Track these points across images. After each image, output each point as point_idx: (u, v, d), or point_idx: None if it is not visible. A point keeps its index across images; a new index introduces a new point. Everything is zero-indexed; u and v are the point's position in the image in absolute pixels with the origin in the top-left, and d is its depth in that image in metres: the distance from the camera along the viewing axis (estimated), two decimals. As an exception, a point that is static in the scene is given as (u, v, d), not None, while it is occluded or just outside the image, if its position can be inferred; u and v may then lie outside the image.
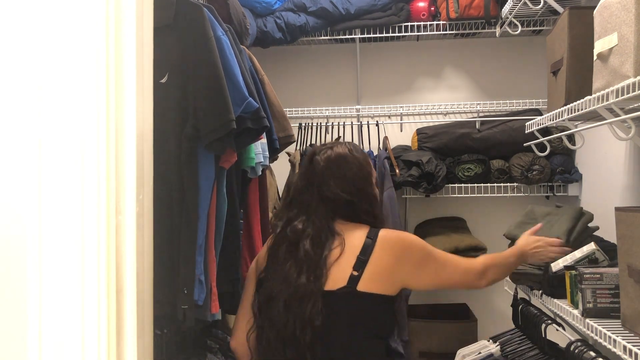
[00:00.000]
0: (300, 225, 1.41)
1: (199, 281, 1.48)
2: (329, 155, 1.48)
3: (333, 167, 1.45)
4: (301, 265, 1.36)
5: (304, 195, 1.46)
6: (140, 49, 0.93)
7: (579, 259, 1.62)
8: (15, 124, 0.85)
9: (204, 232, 1.51)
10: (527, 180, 2.56)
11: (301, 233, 1.40)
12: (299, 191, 1.48)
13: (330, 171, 1.45)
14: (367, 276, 1.34)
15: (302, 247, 1.38)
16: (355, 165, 1.48)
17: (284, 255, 1.40)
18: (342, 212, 1.44)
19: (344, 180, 1.45)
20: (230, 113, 1.46)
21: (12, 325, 0.84)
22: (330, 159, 1.47)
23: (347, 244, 1.38)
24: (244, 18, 2.12)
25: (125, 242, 0.88)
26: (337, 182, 1.44)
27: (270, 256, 1.45)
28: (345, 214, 1.45)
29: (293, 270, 1.36)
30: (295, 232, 1.41)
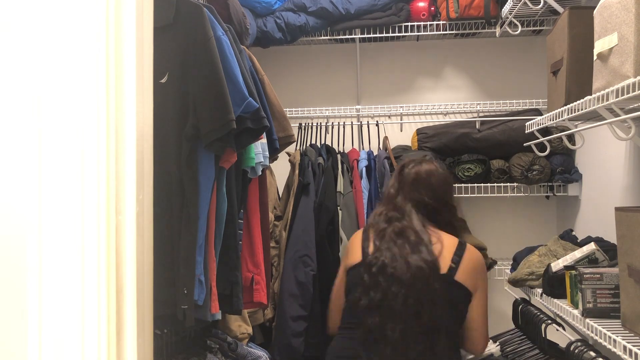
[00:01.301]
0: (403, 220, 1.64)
1: (199, 281, 1.48)
2: (418, 169, 1.72)
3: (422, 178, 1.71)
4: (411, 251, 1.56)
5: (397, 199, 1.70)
6: (140, 49, 0.93)
7: (579, 259, 1.62)
8: (15, 124, 0.85)
9: (204, 232, 1.51)
10: (527, 180, 2.56)
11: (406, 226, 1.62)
12: (392, 194, 1.73)
13: (420, 182, 1.70)
14: (462, 270, 1.58)
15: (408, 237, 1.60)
16: (439, 179, 1.72)
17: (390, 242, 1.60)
18: (429, 216, 1.67)
19: (430, 190, 1.69)
20: (230, 113, 1.46)
21: (12, 325, 0.84)
22: (419, 172, 1.71)
23: (444, 245, 1.61)
24: (244, 18, 2.12)
25: (125, 242, 0.88)
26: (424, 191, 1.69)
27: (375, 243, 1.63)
28: (431, 217, 1.67)
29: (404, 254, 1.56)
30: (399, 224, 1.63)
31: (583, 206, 2.48)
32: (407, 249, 1.58)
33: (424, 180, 1.70)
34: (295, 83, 3.00)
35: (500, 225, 2.91)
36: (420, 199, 1.68)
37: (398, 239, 1.61)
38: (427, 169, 1.73)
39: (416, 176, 1.71)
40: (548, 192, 2.63)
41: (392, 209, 1.69)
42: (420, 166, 1.73)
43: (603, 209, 2.20)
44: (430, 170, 1.73)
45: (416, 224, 1.64)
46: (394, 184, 1.75)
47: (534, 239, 2.40)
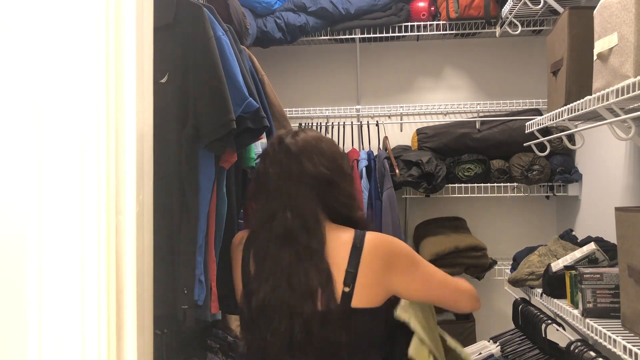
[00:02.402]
0: (287, 217, 1.25)
1: (199, 281, 1.48)
2: (303, 136, 1.34)
3: (309, 146, 1.31)
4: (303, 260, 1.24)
5: (280, 181, 1.29)
6: (140, 49, 0.93)
7: (579, 259, 1.62)
8: (16, 124, 0.85)
9: (204, 232, 1.51)
10: (527, 180, 2.56)
11: (291, 224, 1.25)
12: (272, 179, 1.30)
13: (307, 150, 1.30)
14: (359, 291, 1.24)
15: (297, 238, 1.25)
16: (331, 144, 1.37)
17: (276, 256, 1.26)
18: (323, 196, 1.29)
19: (324, 156, 1.31)
20: (231, 113, 1.46)
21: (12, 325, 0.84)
22: (305, 139, 1.33)
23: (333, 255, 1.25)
24: (244, 18, 2.12)
25: (125, 242, 0.88)
26: (318, 158, 1.29)
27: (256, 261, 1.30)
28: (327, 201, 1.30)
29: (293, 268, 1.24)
30: (284, 225, 1.26)
31: (583, 206, 2.48)
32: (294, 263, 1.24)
33: (314, 148, 1.31)
34: (295, 83, 3.00)
35: (500, 225, 2.91)
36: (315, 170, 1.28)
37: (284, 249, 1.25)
38: (313, 135, 1.36)
39: (305, 143, 1.31)
40: (548, 192, 2.63)
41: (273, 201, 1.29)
42: (305, 133, 1.35)
43: (603, 209, 2.20)
44: (317, 135, 1.37)
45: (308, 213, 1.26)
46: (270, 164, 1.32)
47: (534, 239, 2.40)
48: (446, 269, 2.50)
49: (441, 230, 2.70)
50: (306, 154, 1.30)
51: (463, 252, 2.52)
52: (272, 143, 1.36)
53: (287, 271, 1.24)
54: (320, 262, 1.24)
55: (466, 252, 2.52)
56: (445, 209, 2.88)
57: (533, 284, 1.84)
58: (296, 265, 1.24)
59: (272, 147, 1.35)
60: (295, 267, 1.24)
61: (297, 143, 1.31)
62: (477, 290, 1.41)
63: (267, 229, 1.28)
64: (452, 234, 2.64)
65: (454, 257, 2.52)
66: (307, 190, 1.28)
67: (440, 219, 2.84)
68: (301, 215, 1.26)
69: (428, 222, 2.85)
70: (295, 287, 1.23)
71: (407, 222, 2.91)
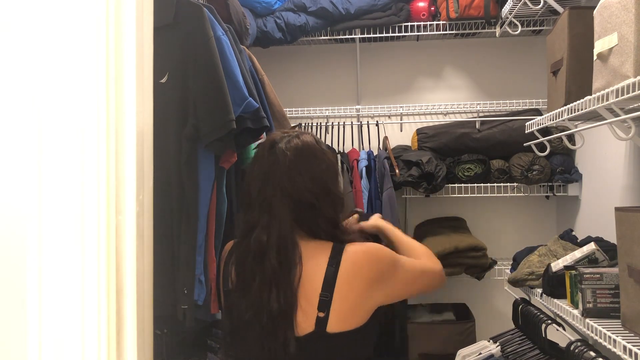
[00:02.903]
0: (264, 233, 1.20)
1: (199, 281, 1.48)
2: (296, 144, 1.24)
3: (299, 159, 1.23)
4: (270, 286, 1.17)
5: (264, 192, 1.22)
6: (140, 49, 0.93)
7: (579, 259, 1.62)
8: (16, 124, 0.85)
9: (203, 232, 1.51)
10: (527, 180, 2.56)
11: (265, 244, 1.19)
12: (257, 186, 1.23)
13: (296, 164, 1.22)
14: (335, 315, 1.16)
15: (268, 262, 1.18)
16: (324, 160, 1.27)
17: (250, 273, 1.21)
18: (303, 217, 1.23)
19: (310, 177, 1.22)
20: (230, 113, 1.46)
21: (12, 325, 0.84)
22: (297, 150, 1.23)
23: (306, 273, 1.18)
24: (244, 18, 2.12)
25: (125, 242, 0.88)
26: (303, 179, 1.22)
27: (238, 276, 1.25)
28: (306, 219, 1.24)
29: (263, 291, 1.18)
30: (259, 242, 1.20)
31: (583, 206, 2.48)
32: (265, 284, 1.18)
33: (303, 163, 1.23)
34: (295, 83, 3.00)
35: (500, 225, 2.91)
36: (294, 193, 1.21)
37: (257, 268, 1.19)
38: (306, 142, 1.26)
39: (293, 155, 1.22)
40: (548, 192, 2.63)
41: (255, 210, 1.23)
42: (298, 140, 1.25)
43: (603, 209, 2.20)
44: (310, 145, 1.26)
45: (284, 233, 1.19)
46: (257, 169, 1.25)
47: (534, 239, 2.40)
48: (446, 269, 2.51)
49: (441, 230, 2.70)
50: (293, 170, 1.22)
51: (463, 252, 2.52)
52: (263, 146, 1.29)
53: (258, 291, 1.19)
54: (286, 287, 1.17)
55: (466, 252, 2.52)
56: (445, 209, 2.88)
57: (533, 284, 1.84)
58: (265, 286, 1.18)
59: (262, 150, 1.27)
60: (263, 288, 1.18)
61: (288, 153, 1.23)
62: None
63: (246, 242, 1.23)
64: (452, 234, 2.64)
65: (454, 257, 2.52)
66: (287, 208, 1.20)
67: (440, 219, 2.84)
68: (276, 235, 1.19)
69: (428, 222, 2.85)
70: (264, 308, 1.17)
71: (407, 222, 2.91)
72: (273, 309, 1.16)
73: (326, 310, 1.16)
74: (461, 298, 2.84)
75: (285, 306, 1.16)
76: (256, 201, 1.23)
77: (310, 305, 1.17)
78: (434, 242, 2.59)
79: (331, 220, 1.26)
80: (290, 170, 1.22)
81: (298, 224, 1.22)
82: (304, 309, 1.17)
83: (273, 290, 1.17)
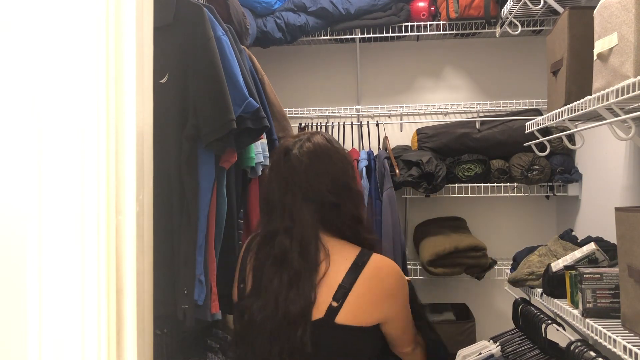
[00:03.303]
0: (287, 238, 1.22)
1: (199, 281, 1.48)
2: (309, 148, 1.26)
3: (315, 163, 1.25)
4: (290, 287, 1.20)
5: (284, 199, 1.25)
6: (140, 49, 0.93)
7: (579, 259, 1.62)
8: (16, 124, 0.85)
9: (204, 232, 1.51)
10: (527, 180, 2.56)
11: (288, 247, 1.22)
12: (276, 194, 1.26)
13: (313, 168, 1.24)
14: (348, 307, 1.19)
15: (290, 264, 1.21)
16: (339, 159, 1.29)
17: (270, 276, 1.23)
18: (327, 217, 1.26)
19: (329, 177, 1.25)
20: (231, 113, 1.46)
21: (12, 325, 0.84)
22: (311, 153, 1.26)
23: (331, 266, 1.21)
24: (244, 18, 2.12)
25: (125, 242, 0.88)
26: (322, 180, 1.24)
27: (254, 277, 1.27)
28: (331, 221, 1.27)
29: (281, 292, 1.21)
30: (282, 247, 1.22)
31: (583, 206, 2.48)
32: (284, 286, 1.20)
33: (320, 165, 1.25)
34: (295, 83, 3.00)
35: (500, 225, 2.91)
36: (314, 196, 1.23)
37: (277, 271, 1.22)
38: (319, 144, 1.28)
39: (308, 159, 1.24)
40: (548, 192, 2.63)
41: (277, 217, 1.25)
42: (310, 143, 1.27)
43: (603, 209, 2.20)
44: (324, 146, 1.28)
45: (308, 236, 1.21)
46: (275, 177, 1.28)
47: (534, 239, 2.40)
48: (446, 269, 2.52)
49: (441, 230, 2.70)
50: (311, 173, 1.24)
51: (463, 252, 2.52)
52: (278, 153, 1.31)
53: (276, 294, 1.21)
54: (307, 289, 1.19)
55: (466, 252, 2.52)
56: (445, 209, 2.88)
57: (533, 284, 1.83)
58: (285, 289, 1.20)
59: (279, 158, 1.29)
60: (283, 292, 1.20)
61: (302, 158, 1.25)
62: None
63: (268, 246, 1.26)
64: (452, 234, 2.64)
65: (454, 257, 2.52)
66: (309, 212, 1.23)
67: (440, 219, 2.84)
68: (300, 239, 1.22)
69: (428, 222, 2.85)
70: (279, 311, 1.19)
71: (407, 222, 2.91)
72: (291, 310, 1.18)
73: (341, 300, 1.19)
74: (461, 298, 2.84)
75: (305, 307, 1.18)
76: (277, 208, 1.26)
77: (327, 294, 1.20)
78: (434, 242, 2.59)
79: (354, 216, 1.29)
80: (308, 175, 1.24)
81: (323, 225, 1.26)
82: (320, 296, 1.20)
83: (293, 291, 1.19)
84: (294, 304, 1.18)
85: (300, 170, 1.25)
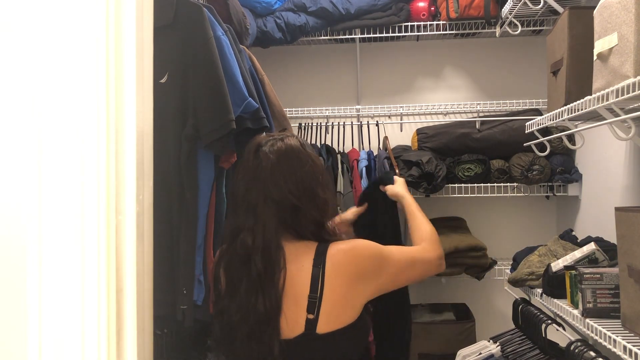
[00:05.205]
0: (249, 236, 1.21)
1: (198, 281, 1.48)
2: (280, 147, 1.25)
3: (283, 162, 1.24)
4: (256, 289, 1.19)
5: (249, 195, 1.23)
6: (140, 49, 0.93)
7: (579, 259, 1.62)
8: (16, 124, 0.85)
9: (203, 232, 1.51)
10: (527, 180, 2.56)
11: (251, 247, 1.20)
12: (242, 190, 1.25)
13: (280, 168, 1.23)
14: (325, 316, 1.17)
15: (253, 265, 1.19)
16: (307, 163, 1.27)
17: (237, 276, 1.23)
18: (287, 219, 1.24)
19: (293, 179, 1.23)
20: (230, 113, 1.46)
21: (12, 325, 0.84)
22: (281, 152, 1.24)
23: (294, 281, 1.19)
24: (244, 18, 2.12)
25: (125, 242, 0.88)
26: (287, 181, 1.22)
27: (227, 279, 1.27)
28: (291, 221, 1.24)
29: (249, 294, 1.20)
30: (244, 246, 1.21)
31: (583, 206, 2.48)
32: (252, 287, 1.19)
33: (287, 166, 1.23)
34: (295, 83, 3.00)
35: (500, 225, 2.91)
36: (276, 196, 1.21)
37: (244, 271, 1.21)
38: (290, 145, 1.26)
39: (276, 158, 1.23)
40: (548, 192, 2.63)
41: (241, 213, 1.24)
42: (282, 143, 1.26)
43: (603, 209, 2.20)
44: (294, 148, 1.27)
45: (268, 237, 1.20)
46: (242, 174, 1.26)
47: (534, 239, 2.40)
48: (446, 269, 2.52)
49: (441, 230, 2.68)
50: (276, 173, 1.22)
51: (463, 252, 2.52)
52: (248, 150, 1.29)
53: (245, 294, 1.20)
54: (271, 291, 1.18)
55: (466, 252, 2.52)
56: (445, 209, 2.88)
57: (533, 284, 1.84)
58: (251, 289, 1.19)
59: (248, 155, 1.28)
60: (250, 292, 1.19)
61: (270, 156, 1.24)
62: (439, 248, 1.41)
63: (233, 246, 1.24)
64: (452, 234, 2.64)
65: (454, 257, 2.52)
66: (271, 212, 1.21)
67: (440, 219, 2.84)
68: (261, 238, 1.20)
69: (428, 222, 2.85)
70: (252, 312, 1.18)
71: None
72: (259, 313, 1.17)
73: (315, 311, 1.17)
74: (461, 298, 2.84)
75: (270, 310, 1.17)
76: (242, 205, 1.24)
77: (299, 307, 1.18)
78: (434, 242, 2.59)
79: (316, 221, 1.26)
80: (274, 174, 1.22)
81: (283, 226, 1.23)
82: (293, 311, 1.18)
83: (259, 294, 1.18)
84: (260, 306, 1.17)
85: (267, 168, 1.23)
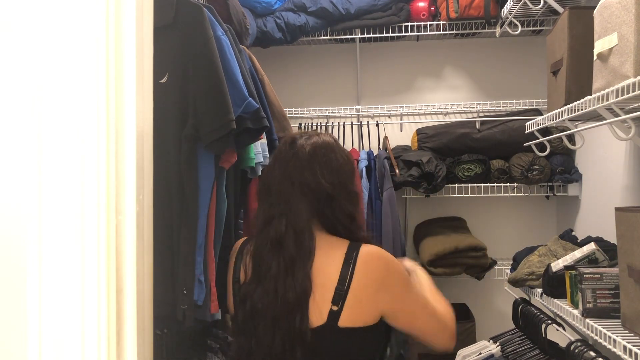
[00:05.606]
0: (282, 223, 1.24)
1: (199, 281, 1.48)
2: (316, 140, 1.31)
3: (319, 152, 1.28)
4: (286, 273, 1.21)
5: (284, 184, 1.27)
6: (140, 49, 0.93)
7: (579, 259, 1.62)
8: (16, 124, 0.85)
9: (203, 232, 1.51)
10: (527, 180, 2.56)
11: (284, 233, 1.23)
12: (277, 179, 1.28)
13: (316, 157, 1.27)
14: (348, 310, 1.19)
15: (285, 247, 1.23)
16: (341, 156, 1.32)
17: (267, 262, 1.24)
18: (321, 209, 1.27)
19: (329, 170, 1.27)
20: (230, 113, 1.46)
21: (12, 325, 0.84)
22: (317, 145, 1.29)
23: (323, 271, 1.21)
24: (244, 18, 2.12)
25: (125, 242, 0.88)
26: (323, 170, 1.26)
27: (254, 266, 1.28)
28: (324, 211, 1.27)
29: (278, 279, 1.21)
30: (277, 231, 1.24)
31: (583, 206, 2.48)
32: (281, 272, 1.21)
33: (322, 157, 1.28)
34: (295, 83, 3.00)
35: (500, 225, 2.91)
36: (312, 183, 1.25)
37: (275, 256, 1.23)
38: (325, 140, 1.32)
39: (314, 150, 1.28)
40: (548, 192, 2.63)
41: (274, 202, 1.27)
42: (317, 137, 1.32)
43: (603, 209, 2.20)
44: (329, 143, 1.32)
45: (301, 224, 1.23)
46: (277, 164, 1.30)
47: (534, 239, 2.40)
48: (446, 269, 2.52)
49: (441, 230, 2.70)
50: (312, 163, 1.27)
51: (463, 252, 2.52)
52: (284, 142, 1.35)
53: (274, 280, 1.21)
54: (302, 277, 1.20)
55: (466, 252, 2.52)
56: (445, 209, 2.88)
57: (533, 284, 1.84)
58: (281, 275, 1.21)
59: (284, 147, 1.33)
60: (280, 277, 1.21)
61: (307, 148, 1.28)
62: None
63: (265, 232, 1.26)
64: (452, 234, 2.64)
65: (454, 257, 2.52)
66: (305, 200, 1.25)
67: (440, 219, 2.85)
68: (294, 224, 1.23)
69: (428, 222, 2.85)
70: (279, 297, 1.20)
71: (407, 222, 2.91)
72: (288, 297, 1.19)
73: (340, 303, 1.19)
74: (461, 298, 2.84)
75: (300, 294, 1.18)
76: (275, 194, 1.27)
77: (325, 298, 1.19)
78: (434, 242, 2.59)
79: (348, 214, 1.30)
80: (310, 163, 1.27)
81: (316, 216, 1.27)
82: (318, 301, 1.19)
83: (289, 278, 1.20)
84: (290, 291, 1.19)
85: (304, 158, 1.27)
